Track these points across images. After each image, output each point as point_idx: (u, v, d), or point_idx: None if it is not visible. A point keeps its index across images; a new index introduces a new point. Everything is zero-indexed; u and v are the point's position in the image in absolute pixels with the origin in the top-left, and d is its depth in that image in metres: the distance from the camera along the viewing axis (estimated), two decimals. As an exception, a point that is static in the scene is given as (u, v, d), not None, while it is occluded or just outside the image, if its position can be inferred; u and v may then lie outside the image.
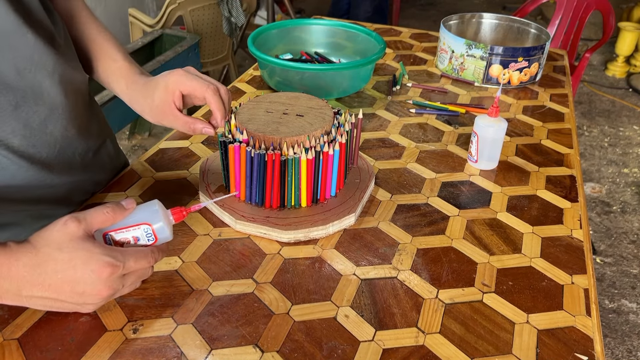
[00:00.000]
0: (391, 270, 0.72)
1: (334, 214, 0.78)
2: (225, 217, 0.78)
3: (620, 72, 3.69)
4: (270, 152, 0.73)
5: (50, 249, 0.54)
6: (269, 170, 0.74)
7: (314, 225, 0.76)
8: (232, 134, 0.78)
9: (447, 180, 0.92)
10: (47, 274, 0.54)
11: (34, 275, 0.54)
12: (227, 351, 0.60)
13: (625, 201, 2.47)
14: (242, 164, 0.76)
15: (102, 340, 0.60)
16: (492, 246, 0.78)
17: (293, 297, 0.67)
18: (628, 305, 1.93)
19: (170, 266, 0.71)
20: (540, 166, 0.97)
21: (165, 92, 0.75)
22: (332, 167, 0.78)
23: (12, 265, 0.54)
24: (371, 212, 0.83)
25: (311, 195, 0.79)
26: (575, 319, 0.67)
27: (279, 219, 0.77)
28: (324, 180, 0.79)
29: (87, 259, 0.55)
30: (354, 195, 0.82)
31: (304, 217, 0.77)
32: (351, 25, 1.30)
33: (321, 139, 0.77)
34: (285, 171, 0.75)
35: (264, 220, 0.76)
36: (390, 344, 0.62)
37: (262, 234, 0.76)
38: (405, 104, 1.17)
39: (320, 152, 0.76)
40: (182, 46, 2.33)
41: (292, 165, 0.75)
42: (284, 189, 0.77)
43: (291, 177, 0.76)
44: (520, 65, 1.25)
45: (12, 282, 0.54)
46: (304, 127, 0.77)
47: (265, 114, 0.80)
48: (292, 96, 0.86)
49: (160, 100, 0.75)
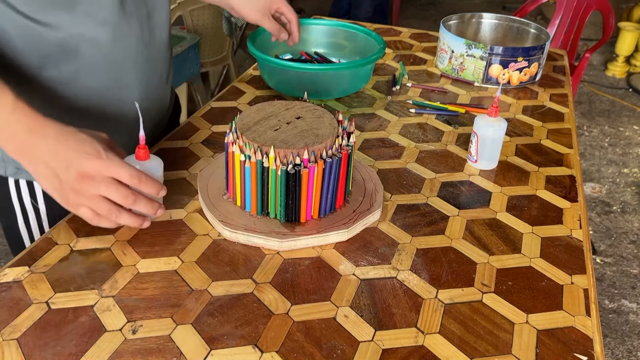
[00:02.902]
0: (391, 270, 0.72)
1: (365, 206, 0.80)
2: (273, 242, 0.75)
3: (620, 72, 3.69)
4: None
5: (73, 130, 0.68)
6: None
7: (361, 218, 0.78)
8: (251, 154, 0.75)
9: (446, 180, 0.92)
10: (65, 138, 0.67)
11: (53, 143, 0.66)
12: (227, 351, 0.60)
13: (625, 201, 2.47)
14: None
15: (102, 341, 0.60)
16: (492, 246, 0.78)
17: (292, 297, 0.67)
18: (628, 305, 1.93)
19: (170, 266, 0.71)
20: (540, 166, 0.97)
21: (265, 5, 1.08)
22: (347, 165, 0.78)
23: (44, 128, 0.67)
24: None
25: (343, 194, 0.80)
26: (574, 319, 0.67)
27: (331, 224, 0.77)
28: (344, 179, 0.79)
29: (89, 142, 0.67)
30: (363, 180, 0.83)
31: (341, 219, 0.78)
32: (351, 25, 1.30)
33: (337, 140, 0.77)
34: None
35: (320, 229, 0.76)
36: (390, 344, 0.62)
37: (322, 242, 0.76)
38: (405, 104, 1.17)
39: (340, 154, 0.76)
40: (182, 46, 2.33)
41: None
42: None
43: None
44: (520, 65, 1.25)
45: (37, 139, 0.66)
46: (315, 133, 0.76)
47: (273, 131, 0.77)
48: (286, 103, 0.84)
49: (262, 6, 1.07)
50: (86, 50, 0.79)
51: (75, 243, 0.74)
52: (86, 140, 0.67)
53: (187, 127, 1.04)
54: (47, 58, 0.77)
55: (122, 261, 0.71)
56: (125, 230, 0.76)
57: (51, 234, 0.75)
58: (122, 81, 0.85)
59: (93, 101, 0.84)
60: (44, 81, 0.79)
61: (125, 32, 0.82)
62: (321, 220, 0.77)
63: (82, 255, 0.72)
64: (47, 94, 0.80)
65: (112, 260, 0.71)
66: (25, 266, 0.70)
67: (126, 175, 0.67)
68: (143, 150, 0.73)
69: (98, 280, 0.68)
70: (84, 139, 0.67)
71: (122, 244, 0.74)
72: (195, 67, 2.43)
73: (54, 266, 0.70)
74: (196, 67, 2.44)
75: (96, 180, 0.66)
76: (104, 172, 0.66)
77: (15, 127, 0.66)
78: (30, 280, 0.68)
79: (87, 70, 0.81)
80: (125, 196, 0.67)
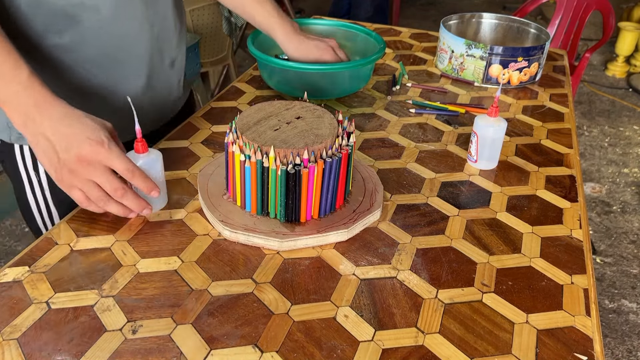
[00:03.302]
0: (391, 270, 0.72)
1: (365, 206, 0.81)
2: (273, 242, 0.75)
3: (620, 72, 3.69)
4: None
5: (80, 114, 0.71)
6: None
7: (361, 218, 0.78)
8: (251, 154, 0.75)
9: (446, 180, 0.92)
10: (70, 122, 0.70)
11: (58, 119, 0.69)
12: (227, 351, 0.60)
13: (625, 201, 2.47)
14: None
15: (102, 340, 0.60)
16: (492, 246, 0.78)
17: (292, 297, 0.67)
18: (628, 305, 1.93)
19: (170, 266, 0.71)
20: (540, 166, 0.97)
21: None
22: (347, 165, 0.79)
23: (51, 107, 0.70)
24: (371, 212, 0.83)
25: (343, 194, 0.80)
26: (574, 319, 0.67)
27: (331, 224, 0.77)
28: (344, 179, 0.79)
29: (94, 128, 0.70)
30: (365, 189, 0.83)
31: (341, 219, 0.78)
32: (351, 25, 1.30)
33: (337, 140, 0.77)
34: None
35: (320, 229, 0.76)
36: (390, 344, 0.62)
37: (322, 242, 0.76)
38: (405, 104, 1.17)
39: (341, 154, 0.76)
40: (182, 46, 2.33)
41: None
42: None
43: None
44: (520, 65, 1.25)
45: (43, 116, 0.70)
46: (315, 133, 0.76)
47: (273, 131, 0.76)
48: (286, 103, 0.84)
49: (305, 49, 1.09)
50: (88, 18, 0.81)
51: (75, 243, 0.74)
52: (90, 126, 0.70)
53: (187, 127, 1.04)
54: (50, 25, 0.80)
55: (122, 261, 0.71)
56: (126, 230, 0.76)
57: (51, 233, 0.75)
58: (124, 55, 0.87)
59: (95, 74, 0.86)
60: (47, 49, 0.81)
61: (127, 4, 0.84)
62: (321, 220, 0.77)
63: (82, 255, 0.72)
64: (50, 63, 0.82)
65: (112, 260, 0.71)
66: (25, 266, 0.70)
67: (121, 167, 0.71)
68: (140, 143, 0.75)
69: (98, 280, 0.68)
70: (89, 124, 0.70)
71: (122, 243, 0.74)
72: (195, 67, 2.43)
73: (54, 266, 0.70)
74: (196, 67, 2.44)
75: (92, 166, 0.70)
76: (102, 160, 0.70)
77: (25, 101, 0.70)
78: (30, 280, 0.68)
79: (90, 39, 0.83)
80: (115, 189, 0.71)
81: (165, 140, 0.99)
